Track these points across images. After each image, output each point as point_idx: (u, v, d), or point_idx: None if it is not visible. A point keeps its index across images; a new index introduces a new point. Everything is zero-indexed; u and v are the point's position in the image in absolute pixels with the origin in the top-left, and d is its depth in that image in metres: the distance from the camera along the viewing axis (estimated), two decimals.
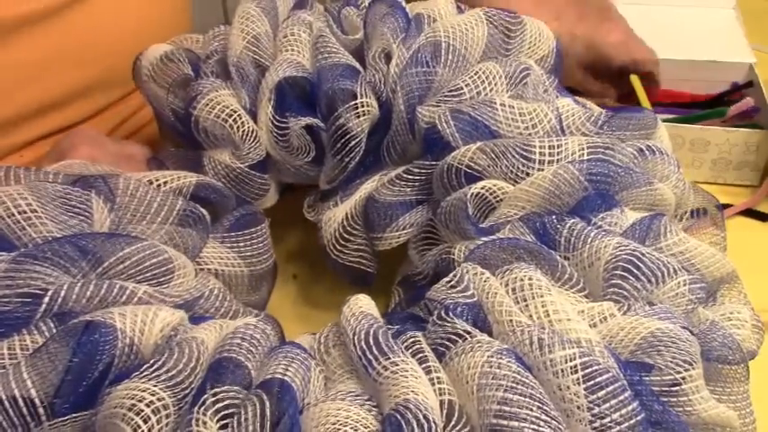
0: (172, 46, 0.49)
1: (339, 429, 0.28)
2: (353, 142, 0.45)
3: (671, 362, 0.32)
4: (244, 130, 0.45)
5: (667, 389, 0.31)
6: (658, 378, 0.32)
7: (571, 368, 0.30)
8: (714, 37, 0.70)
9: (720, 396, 0.35)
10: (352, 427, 0.28)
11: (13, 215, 0.34)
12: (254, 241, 0.44)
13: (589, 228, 0.37)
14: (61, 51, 0.52)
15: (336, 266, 0.46)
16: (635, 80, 0.61)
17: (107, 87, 0.56)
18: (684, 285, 0.35)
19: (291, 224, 0.52)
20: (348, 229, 0.46)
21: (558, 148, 0.40)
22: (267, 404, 0.28)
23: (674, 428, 0.31)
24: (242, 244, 0.43)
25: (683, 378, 0.31)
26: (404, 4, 0.50)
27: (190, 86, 0.47)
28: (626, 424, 0.29)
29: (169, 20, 0.60)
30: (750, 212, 0.58)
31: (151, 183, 0.41)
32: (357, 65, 0.47)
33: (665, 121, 0.60)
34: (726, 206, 0.58)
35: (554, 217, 0.39)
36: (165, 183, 0.41)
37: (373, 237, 0.45)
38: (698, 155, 0.59)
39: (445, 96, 0.45)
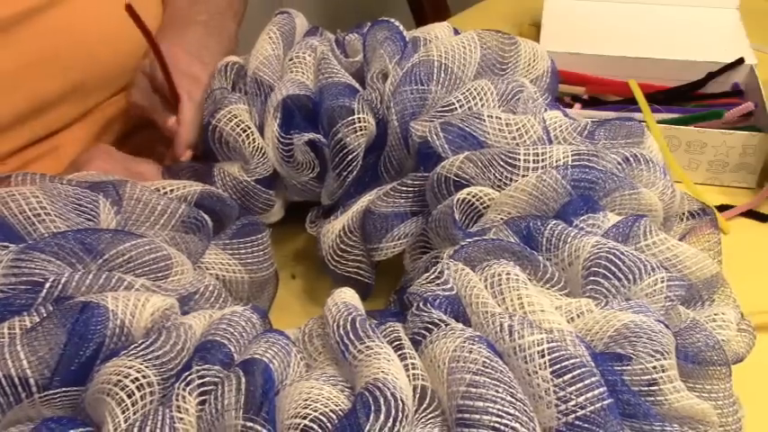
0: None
1: (309, 405, 0.29)
2: (351, 156, 0.47)
3: (642, 352, 0.32)
4: (254, 146, 0.48)
5: (639, 378, 0.32)
6: (630, 368, 0.32)
7: (538, 353, 0.31)
8: (716, 37, 0.70)
9: (701, 393, 0.35)
10: (322, 404, 0.29)
11: (25, 212, 0.37)
12: (255, 249, 0.46)
13: (570, 228, 0.38)
14: (38, 55, 0.53)
15: (335, 277, 0.48)
16: (634, 85, 0.62)
17: (87, 92, 0.57)
18: (662, 282, 0.36)
19: (296, 226, 0.53)
20: (345, 240, 0.47)
21: (542, 155, 0.42)
22: (243, 380, 0.29)
23: (647, 418, 0.32)
24: (243, 251, 0.45)
25: (655, 368, 0.32)
26: (401, 28, 0.52)
27: (218, 98, 0.50)
28: (591, 408, 0.30)
29: (152, 23, 0.61)
30: (750, 213, 0.58)
31: (158, 190, 0.43)
32: (356, 84, 0.49)
33: (662, 122, 0.61)
34: (726, 207, 0.58)
35: (537, 221, 0.40)
36: (171, 191, 0.44)
37: (370, 247, 0.47)
38: (694, 156, 0.59)
39: (438, 112, 0.47)
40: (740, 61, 0.65)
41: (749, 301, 0.46)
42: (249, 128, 0.48)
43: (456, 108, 0.47)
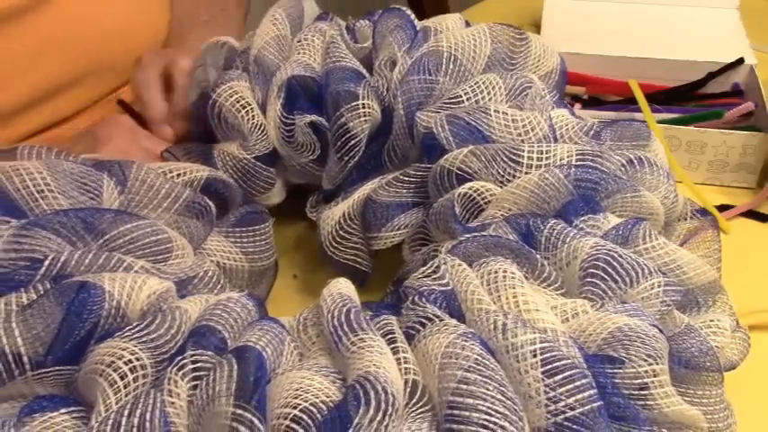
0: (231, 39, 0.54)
1: (300, 395, 0.29)
2: (353, 141, 0.47)
3: (635, 356, 0.32)
4: (253, 123, 0.48)
5: (630, 382, 0.32)
6: (621, 371, 0.32)
7: (531, 352, 0.31)
8: (716, 37, 0.70)
9: (692, 399, 0.35)
10: (313, 394, 0.30)
11: (29, 188, 0.37)
12: (257, 238, 0.46)
13: (569, 228, 0.38)
14: (49, 41, 0.53)
15: (333, 264, 0.48)
16: (634, 85, 0.61)
17: (98, 76, 0.58)
18: (659, 287, 0.36)
19: (298, 223, 0.54)
20: (345, 227, 0.47)
21: (546, 153, 0.42)
22: (235, 368, 0.30)
23: (636, 422, 0.32)
24: (245, 240, 0.45)
25: (646, 372, 0.32)
26: (413, 17, 0.52)
27: (218, 75, 0.50)
28: (580, 409, 0.30)
29: (159, 7, 0.62)
30: (750, 213, 0.58)
31: (165, 174, 0.43)
32: (363, 70, 0.49)
33: (662, 121, 0.61)
34: (726, 207, 0.58)
35: (537, 219, 0.40)
36: (179, 174, 0.44)
37: (369, 236, 0.47)
38: (695, 156, 0.59)
39: (444, 103, 0.47)
40: (740, 61, 0.65)
41: (749, 301, 0.46)
42: (249, 104, 0.48)
43: (463, 100, 0.46)
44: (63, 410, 0.30)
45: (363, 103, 0.46)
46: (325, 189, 0.51)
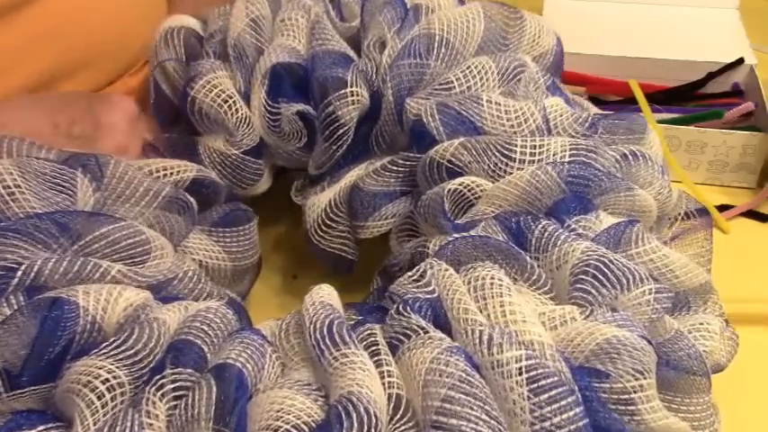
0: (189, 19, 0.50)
1: (282, 417, 0.29)
2: (342, 130, 0.45)
3: (622, 370, 0.32)
4: (238, 117, 0.46)
5: (616, 396, 0.32)
6: (608, 386, 0.32)
7: (517, 369, 0.30)
8: (716, 37, 0.69)
9: (679, 406, 0.35)
10: (294, 415, 0.29)
11: None
12: (241, 238, 0.45)
13: (561, 230, 0.37)
14: (43, 34, 0.51)
15: (318, 252, 0.47)
16: (634, 85, 0.60)
17: (92, 69, 0.55)
18: (650, 294, 0.35)
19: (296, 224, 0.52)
20: (331, 215, 0.46)
21: (539, 148, 0.40)
22: (215, 389, 0.29)
23: None
24: (228, 239, 0.44)
25: (633, 387, 0.31)
26: None
27: (190, 66, 0.48)
28: (566, 428, 0.29)
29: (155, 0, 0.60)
30: (750, 213, 0.58)
31: (151, 173, 0.41)
32: (351, 53, 0.47)
33: (662, 121, 0.60)
34: (726, 207, 0.58)
35: (528, 217, 0.39)
36: (165, 174, 0.42)
37: (356, 225, 0.46)
38: (695, 156, 0.59)
39: (435, 89, 0.45)
40: (740, 61, 0.64)
41: (748, 301, 0.46)
42: (231, 97, 0.45)
43: (455, 86, 0.45)
44: (41, 427, 0.30)
45: (352, 91, 0.45)
46: (311, 174, 0.49)
